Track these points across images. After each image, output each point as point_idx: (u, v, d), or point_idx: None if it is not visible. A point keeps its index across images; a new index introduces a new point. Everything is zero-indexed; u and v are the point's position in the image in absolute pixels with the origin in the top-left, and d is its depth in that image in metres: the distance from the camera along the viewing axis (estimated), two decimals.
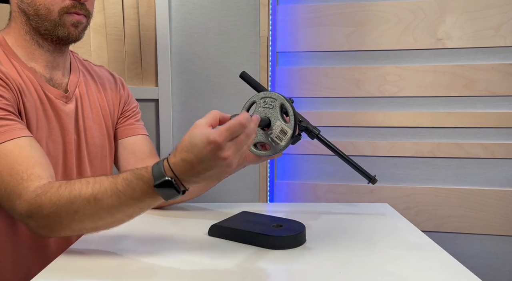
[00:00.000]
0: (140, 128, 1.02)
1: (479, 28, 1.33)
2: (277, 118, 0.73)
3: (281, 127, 0.73)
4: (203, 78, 1.42)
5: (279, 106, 0.73)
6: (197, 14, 1.40)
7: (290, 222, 0.81)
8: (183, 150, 0.61)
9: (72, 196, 0.65)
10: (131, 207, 0.65)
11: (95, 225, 0.68)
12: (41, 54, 0.85)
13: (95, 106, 0.94)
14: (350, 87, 1.41)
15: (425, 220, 1.42)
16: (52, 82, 0.86)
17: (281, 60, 1.45)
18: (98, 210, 0.65)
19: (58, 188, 0.67)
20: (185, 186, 0.64)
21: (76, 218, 0.66)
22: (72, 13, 0.81)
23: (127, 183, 0.64)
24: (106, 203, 0.65)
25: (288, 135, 0.72)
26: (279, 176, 1.49)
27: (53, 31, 0.82)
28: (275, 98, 0.74)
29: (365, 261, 0.69)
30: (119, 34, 1.40)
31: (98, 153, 0.94)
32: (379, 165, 1.43)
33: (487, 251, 1.40)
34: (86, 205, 0.65)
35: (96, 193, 0.65)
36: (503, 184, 1.38)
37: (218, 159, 0.59)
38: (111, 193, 0.64)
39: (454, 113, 1.37)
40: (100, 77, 0.99)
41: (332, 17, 1.39)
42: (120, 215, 0.66)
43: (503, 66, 1.33)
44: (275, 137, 0.73)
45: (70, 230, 0.68)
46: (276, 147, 0.74)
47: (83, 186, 0.66)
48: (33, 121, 0.80)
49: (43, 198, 0.66)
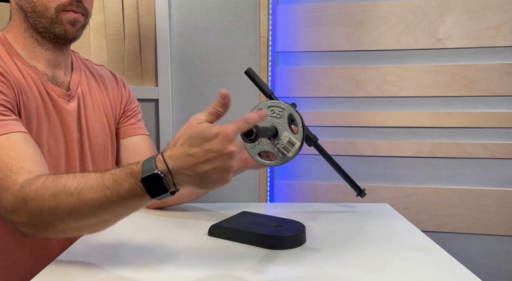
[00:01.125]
0: (141, 128, 1.02)
1: (479, 28, 1.33)
2: (285, 129, 0.72)
3: (289, 138, 0.71)
4: (203, 78, 1.42)
5: (287, 117, 0.72)
6: (197, 14, 1.40)
7: (290, 222, 0.81)
8: (185, 143, 0.58)
9: (57, 189, 0.62)
10: (117, 205, 0.61)
11: (78, 225, 0.64)
12: (42, 52, 0.85)
13: (98, 105, 0.94)
14: (350, 87, 1.41)
15: (425, 220, 1.42)
16: (54, 80, 0.86)
17: (281, 60, 1.44)
18: (81, 206, 0.61)
19: (45, 181, 0.64)
20: (177, 185, 0.60)
21: (59, 214, 0.62)
22: (69, 10, 0.81)
23: (115, 178, 0.61)
24: (89, 199, 0.61)
25: (296, 147, 0.71)
26: (279, 176, 1.49)
27: (50, 28, 0.82)
28: (283, 108, 0.72)
29: (365, 261, 0.69)
30: (119, 34, 1.40)
31: (101, 151, 0.94)
32: (379, 165, 1.43)
33: (487, 251, 1.40)
34: (69, 199, 0.62)
35: (81, 187, 0.62)
36: (503, 184, 1.38)
37: (225, 153, 0.57)
38: (96, 188, 0.61)
39: (454, 113, 1.37)
40: (101, 76, 0.99)
41: (332, 17, 1.39)
42: (105, 214, 0.62)
43: (503, 66, 1.33)
44: (282, 148, 0.72)
45: (53, 229, 0.65)
46: (283, 158, 0.73)
47: (69, 180, 0.63)
48: (33, 120, 0.79)
49: (27, 190, 0.64)
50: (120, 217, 0.65)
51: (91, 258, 0.69)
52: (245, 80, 1.41)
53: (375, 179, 1.43)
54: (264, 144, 0.75)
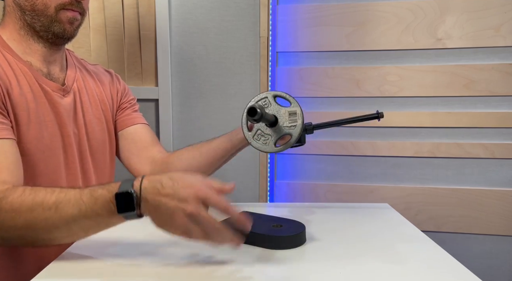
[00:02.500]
0: (138, 118, 1.02)
1: (479, 28, 1.33)
2: (279, 108, 0.76)
3: (288, 111, 0.76)
4: (203, 78, 1.42)
5: (273, 99, 0.76)
6: (197, 14, 1.40)
7: (290, 222, 0.81)
8: (165, 174, 0.63)
9: (35, 202, 0.64)
10: (88, 220, 0.64)
11: (49, 237, 0.66)
12: (38, 49, 0.84)
13: (94, 100, 0.94)
14: (350, 87, 1.41)
15: (425, 220, 1.42)
16: (49, 76, 0.86)
17: (281, 60, 1.44)
18: (57, 219, 0.64)
19: (21, 194, 0.65)
20: (141, 209, 0.62)
21: (32, 227, 0.64)
22: (68, 9, 0.82)
23: (92, 193, 0.64)
24: (65, 213, 0.63)
25: (299, 112, 0.75)
26: (279, 176, 1.49)
27: (49, 27, 0.82)
28: (265, 96, 0.77)
29: (365, 261, 0.69)
30: (119, 34, 1.40)
31: (100, 146, 0.94)
32: (379, 165, 1.43)
33: (487, 251, 1.40)
34: (46, 213, 0.63)
35: (59, 201, 0.64)
36: (503, 184, 1.38)
37: (185, 206, 0.59)
38: (73, 202, 0.63)
39: (454, 113, 1.37)
40: (96, 73, 0.99)
41: (332, 17, 1.39)
42: (76, 228, 0.65)
43: (503, 66, 1.33)
44: (288, 123, 0.76)
45: (22, 240, 0.66)
46: (295, 129, 0.76)
47: (47, 194, 0.65)
48: (23, 115, 0.79)
49: (3, 203, 0.64)
50: (90, 232, 0.67)
51: (87, 260, 0.69)
52: (245, 80, 1.42)
53: (375, 179, 1.43)
54: (272, 134, 0.79)
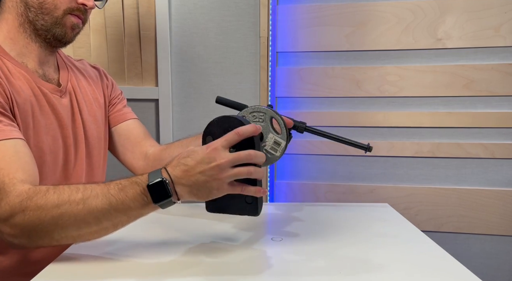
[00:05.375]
0: (129, 113, 1.04)
1: (479, 28, 1.33)
2: (269, 131, 0.77)
3: (274, 139, 0.77)
4: (203, 78, 1.42)
5: (269, 119, 0.77)
6: (197, 14, 1.40)
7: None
8: (182, 156, 0.66)
9: (61, 200, 0.64)
10: (120, 214, 0.65)
11: (78, 233, 0.66)
12: (34, 48, 0.83)
13: (88, 99, 0.94)
14: (350, 87, 1.41)
15: (425, 220, 1.42)
16: (45, 77, 0.85)
17: (281, 60, 1.44)
18: (86, 214, 0.64)
19: (46, 193, 0.65)
20: (178, 194, 0.65)
21: (60, 224, 0.64)
22: (74, 15, 0.82)
23: (120, 187, 0.65)
24: (95, 207, 0.64)
25: (282, 146, 0.77)
26: (279, 176, 1.49)
27: (51, 27, 0.81)
28: (264, 112, 0.77)
29: (364, 261, 0.69)
30: (119, 34, 1.40)
31: (96, 144, 0.95)
32: (379, 165, 1.43)
33: (487, 251, 1.40)
34: (74, 209, 0.64)
35: (86, 197, 0.65)
36: (503, 184, 1.38)
37: (215, 165, 0.63)
38: (102, 197, 0.64)
39: (454, 113, 1.37)
40: (86, 70, 0.99)
41: (332, 17, 1.39)
42: (106, 222, 0.66)
43: (503, 66, 1.33)
44: (270, 148, 0.77)
45: (49, 238, 0.66)
46: (271, 158, 0.78)
47: (73, 192, 0.65)
48: (28, 118, 0.79)
49: (29, 203, 0.64)
50: (119, 226, 0.68)
51: (86, 261, 0.69)
52: (245, 80, 1.42)
53: (375, 179, 1.43)
54: None
